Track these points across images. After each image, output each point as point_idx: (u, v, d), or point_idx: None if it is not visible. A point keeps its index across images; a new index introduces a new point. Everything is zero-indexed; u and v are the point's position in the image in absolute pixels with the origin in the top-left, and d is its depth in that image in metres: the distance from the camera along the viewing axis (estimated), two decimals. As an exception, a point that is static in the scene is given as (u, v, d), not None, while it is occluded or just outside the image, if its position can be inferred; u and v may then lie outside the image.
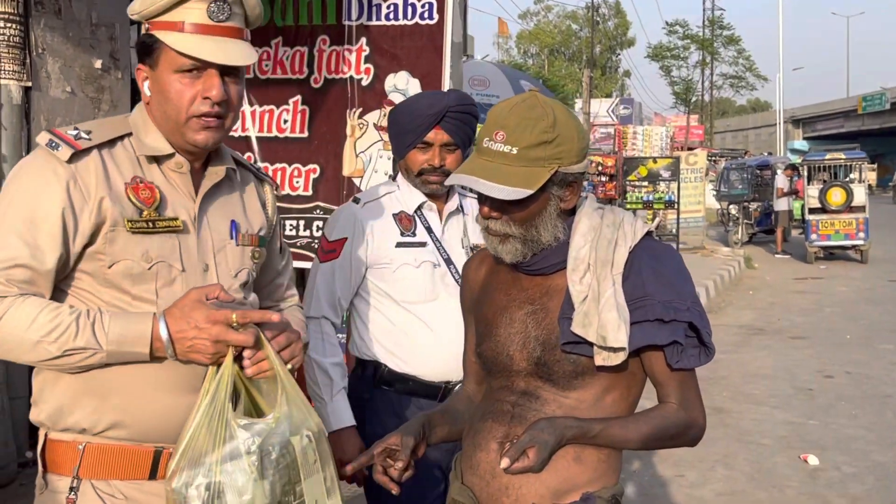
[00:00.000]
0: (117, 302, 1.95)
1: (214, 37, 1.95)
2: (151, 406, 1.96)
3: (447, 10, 5.56)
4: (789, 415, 7.32)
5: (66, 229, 1.90)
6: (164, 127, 2.02)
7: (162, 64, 1.97)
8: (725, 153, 41.57)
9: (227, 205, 2.14)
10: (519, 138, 1.88)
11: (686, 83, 59.95)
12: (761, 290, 14.98)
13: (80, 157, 1.93)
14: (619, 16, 56.79)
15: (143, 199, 1.96)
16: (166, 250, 1.97)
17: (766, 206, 21.96)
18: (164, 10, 1.95)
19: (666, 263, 1.96)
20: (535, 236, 1.94)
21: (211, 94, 1.95)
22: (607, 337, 1.86)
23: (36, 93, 5.16)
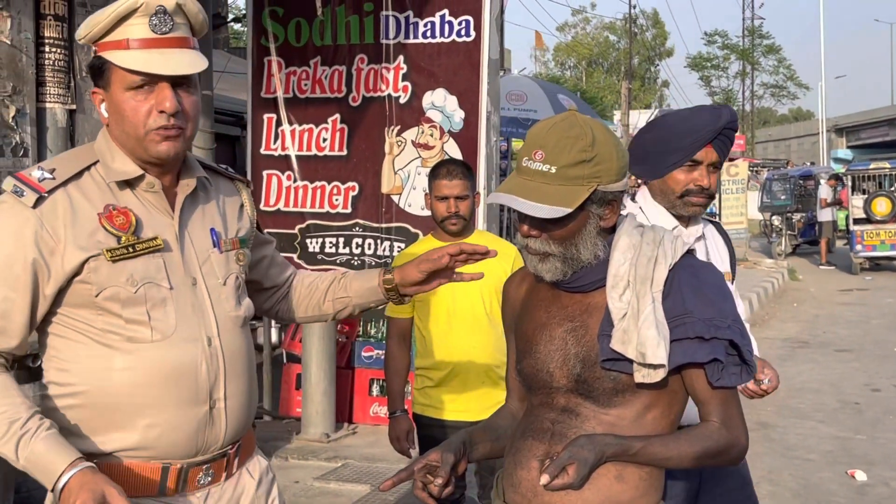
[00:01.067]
0: (111, 327, 1.97)
1: (160, 49, 1.96)
2: (161, 422, 1.99)
3: (484, 28, 5.59)
4: (835, 429, 7.21)
5: (36, 277, 1.94)
6: (127, 146, 2.02)
7: (114, 84, 1.98)
8: (767, 163, 41.15)
9: (205, 214, 2.16)
10: (558, 157, 1.89)
11: (726, 93, 59.52)
12: (806, 302, 14.79)
13: (45, 200, 1.94)
14: (658, 26, 56.54)
15: (118, 226, 1.98)
16: (151, 271, 2.00)
17: (809, 217, 21.70)
18: (107, 30, 1.97)
19: (706, 281, 1.95)
20: (574, 254, 1.95)
21: (164, 107, 1.96)
22: (646, 354, 1.85)
23: (80, 115, 5.27)
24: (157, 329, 1.99)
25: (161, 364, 1.99)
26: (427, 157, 5.68)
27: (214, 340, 2.07)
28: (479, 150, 5.61)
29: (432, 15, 5.73)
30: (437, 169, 3.70)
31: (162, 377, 1.99)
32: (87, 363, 1.99)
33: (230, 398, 2.09)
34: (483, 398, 3.63)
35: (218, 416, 2.07)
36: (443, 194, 3.61)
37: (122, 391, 1.97)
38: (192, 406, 2.02)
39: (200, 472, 2.07)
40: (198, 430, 2.04)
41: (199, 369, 2.03)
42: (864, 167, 19.49)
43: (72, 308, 1.99)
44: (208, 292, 2.09)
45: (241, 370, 2.13)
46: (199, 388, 2.02)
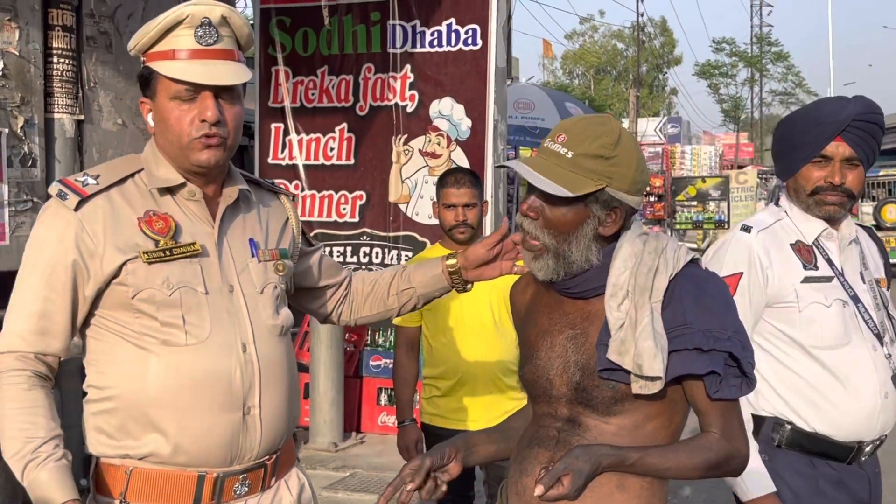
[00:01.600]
0: (147, 330, 2.00)
1: (204, 60, 2.01)
2: (194, 426, 2.00)
3: (491, 36, 5.59)
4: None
5: (76, 278, 1.99)
6: (171, 154, 2.07)
7: (160, 93, 2.04)
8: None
9: (245, 225, 2.19)
10: (578, 144, 1.89)
11: (735, 101, 59.50)
12: (816, 309, 14.68)
13: (86, 203, 2.00)
14: (666, 34, 56.55)
15: (157, 231, 2.02)
16: (188, 275, 2.03)
17: (819, 224, 21.61)
18: (154, 41, 2.03)
19: (708, 292, 1.92)
20: (566, 252, 1.93)
21: (206, 116, 2.01)
22: (643, 365, 1.83)
23: (88, 126, 5.27)
24: (191, 333, 2.01)
25: (194, 368, 2.00)
26: (434, 166, 5.68)
27: (249, 347, 2.08)
28: (486, 158, 5.61)
29: (439, 24, 5.73)
30: (445, 177, 3.69)
31: (195, 381, 2.00)
32: (123, 366, 2.02)
33: (265, 406, 2.08)
34: (492, 407, 3.62)
35: (252, 424, 2.06)
36: (451, 202, 3.61)
37: (157, 394, 1.99)
38: (226, 412, 2.02)
39: (237, 482, 2.07)
40: (232, 437, 2.04)
41: (232, 375, 2.04)
42: (873, 174, 19.42)
43: (109, 310, 2.02)
44: (245, 300, 2.10)
45: (277, 379, 2.13)
46: (233, 395, 2.03)
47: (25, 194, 4.90)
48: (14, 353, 1.99)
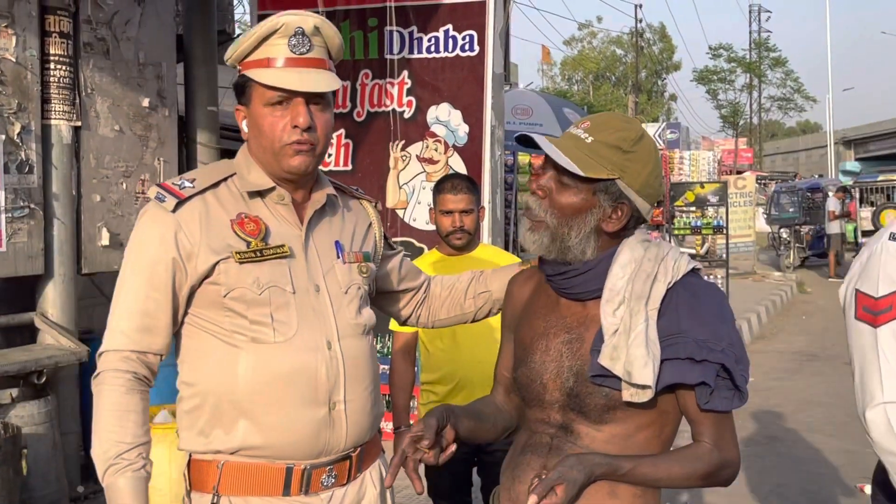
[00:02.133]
0: (237, 328, 2.08)
1: (298, 68, 2.10)
2: (282, 422, 2.07)
3: (488, 42, 5.60)
4: (845, 443, 7.15)
5: (175, 277, 2.07)
6: (263, 160, 2.16)
7: (254, 100, 2.13)
8: (775, 176, 41.09)
9: (331, 228, 2.27)
10: (599, 133, 1.91)
11: (733, 106, 59.54)
12: (814, 314, 14.72)
13: (183, 206, 2.09)
14: (665, 40, 56.61)
15: (248, 232, 2.10)
16: (277, 275, 2.10)
17: (817, 230, 21.62)
18: (250, 49, 2.12)
19: (705, 302, 1.91)
20: (564, 235, 1.92)
21: (298, 122, 2.09)
22: (633, 373, 1.82)
23: (85, 132, 5.27)
24: (279, 331, 2.08)
25: (282, 365, 2.07)
26: (432, 172, 5.68)
27: (334, 345, 2.15)
28: (483, 164, 5.61)
29: (436, 30, 5.74)
30: (442, 183, 3.69)
31: (283, 378, 2.07)
32: (214, 362, 2.09)
33: (350, 402, 2.15)
34: (488, 413, 3.61)
35: (338, 419, 2.13)
36: (448, 208, 3.61)
37: (246, 390, 2.06)
38: (312, 407, 2.09)
39: (324, 474, 2.13)
40: (318, 432, 2.10)
41: (318, 371, 2.10)
42: (872, 179, 19.47)
43: (202, 308, 2.11)
44: (330, 299, 2.18)
45: (361, 375, 2.20)
46: (319, 390, 2.10)
47: (23, 200, 4.89)
48: (118, 353, 2.07)
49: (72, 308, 5.28)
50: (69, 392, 5.33)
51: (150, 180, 5.75)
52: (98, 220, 5.41)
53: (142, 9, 5.66)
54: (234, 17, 15.26)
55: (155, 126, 5.81)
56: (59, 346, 5.04)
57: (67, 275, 5.21)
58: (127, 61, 5.57)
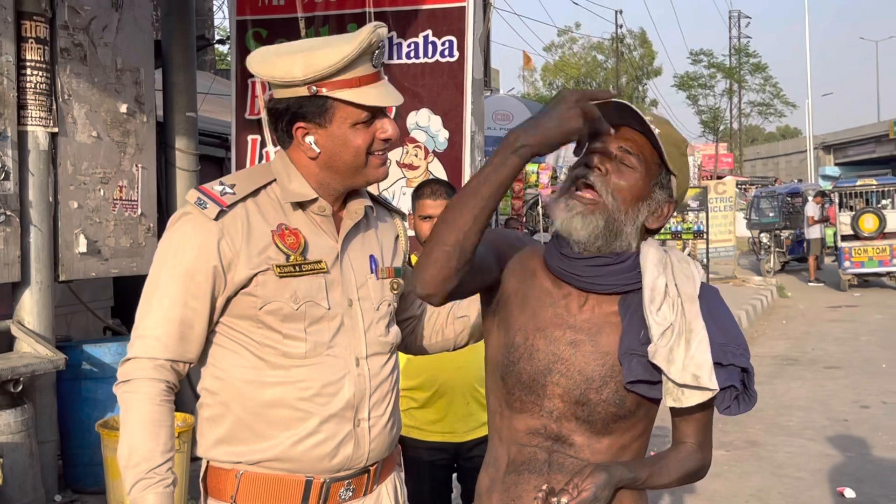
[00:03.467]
0: (269, 341, 2.05)
1: (375, 84, 2.06)
2: (306, 437, 2.05)
3: (467, 48, 5.59)
4: (825, 447, 7.19)
5: (214, 286, 2.03)
6: (343, 174, 2.10)
7: (337, 120, 2.05)
8: (755, 181, 41.32)
9: (366, 241, 2.23)
10: (662, 126, 1.83)
11: (713, 112, 59.81)
12: (795, 319, 14.79)
13: (226, 214, 2.03)
14: (645, 46, 56.83)
15: (289, 245, 2.06)
16: (313, 290, 2.07)
17: (797, 234, 21.76)
18: (341, 69, 2.01)
19: (721, 305, 1.89)
20: (620, 221, 1.80)
21: (388, 134, 2.08)
22: (701, 377, 1.77)
23: (62, 138, 5.23)
24: (311, 346, 2.06)
25: (310, 380, 2.05)
26: (412, 178, 5.67)
27: (362, 362, 2.13)
28: (463, 169, 5.61)
29: (416, 35, 5.73)
30: (421, 189, 3.68)
31: (310, 393, 2.05)
32: (240, 374, 2.06)
33: (374, 419, 2.14)
34: (469, 419, 3.60)
35: (362, 436, 2.11)
36: (427, 213, 3.60)
37: (272, 404, 2.04)
38: (337, 423, 2.07)
39: (342, 488, 2.12)
40: (341, 448, 2.08)
41: (345, 388, 2.08)
42: (851, 184, 19.57)
43: (234, 318, 2.07)
44: (362, 315, 2.15)
45: (386, 393, 2.18)
46: (345, 407, 2.08)
47: (-2, 207, 4.85)
48: (153, 361, 2.02)
49: (49, 316, 5.24)
50: (46, 400, 5.28)
51: (128, 187, 5.72)
52: (75, 227, 5.36)
53: (119, 14, 5.63)
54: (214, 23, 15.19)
55: (133, 132, 5.78)
56: (36, 354, 5.00)
57: (44, 282, 5.16)
58: (104, 67, 5.54)
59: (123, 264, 5.72)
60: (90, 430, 5.06)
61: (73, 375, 5.34)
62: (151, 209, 5.97)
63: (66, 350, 5.24)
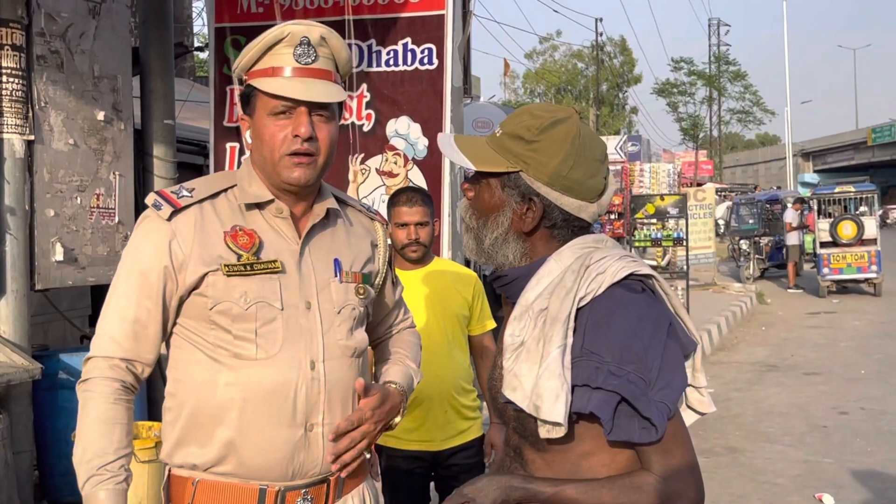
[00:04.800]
0: (221, 342, 2.06)
1: (303, 78, 2.08)
2: (256, 439, 2.05)
3: (447, 56, 5.59)
4: (804, 453, 7.22)
5: (166, 287, 2.07)
6: (264, 171, 2.13)
7: (258, 110, 2.11)
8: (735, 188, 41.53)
9: (331, 243, 2.22)
10: (507, 124, 1.82)
11: (693, 119, 60.11)
12: (774, 325, 14.86)
13: (179, 214, 2.08)
14: (625, 53, 57.06)
15: (241, 245, 2.08)
16: (266, 291, 2.07)
17: (777, 241, 21.87)
18: (256, 59, 2.11)
19: (619, 318, 1.66)
20: (482, 237, 1.82)
21: (299, 132, 2.06)
22: (541, 408, 1.64)
23: (39, 146, 5.19)
24: (262, 347, 2.06)
25: (261, 382, 2.05)
26: (391, 185, 5.66)
27: (318, 365, 2.11)
28: (443, 177, 5.61)
29: (395, 43, 5.73)
30: (397, 196, 3.68)
31: (260, 395, 2.05)
32: (196, 376, 2.08)
33: (329, 425, 2.10)
34: (447, 427, 3.60)
35: (315, 442, 2.09)
36: (403, 221, 3.60)
37: (224, 406, 2.05)
38: (288, 427, 2.06)
39: (298, 497, 2.10)
40: (293, 453, 2.07)
41: (297, 391, 2.07)
42: (829, 191, 19.69)
43: (189, 320, 2.09)
44: (321, 318, 2.14)
45: (345, 399, 2.15)
46: (297, 411, 2.07)
47: (-26, 216, 4.80)
48: (108, 360, 2.06)
49: (25, 324, 5.19)
50: (22, 410, 5.23)
51: (105, 194, 5.68)
52: (52, 236, 5.32)
53: (97, 21, 5.59)
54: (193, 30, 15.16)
55: (110, 140, 5.74)
56: (12, 363, 4.95)
57: (20, 291, 5.12)
58: (81, 74, 5.50)
59: (101, 273, 5.67)
60: (67, 440, 5.00)
61: (49, 385, 5.29)
62: (129, 217, 5.93)
63: (43, 359, 5.19)
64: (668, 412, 1.64)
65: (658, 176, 25.10)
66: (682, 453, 1.68)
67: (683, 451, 1.69)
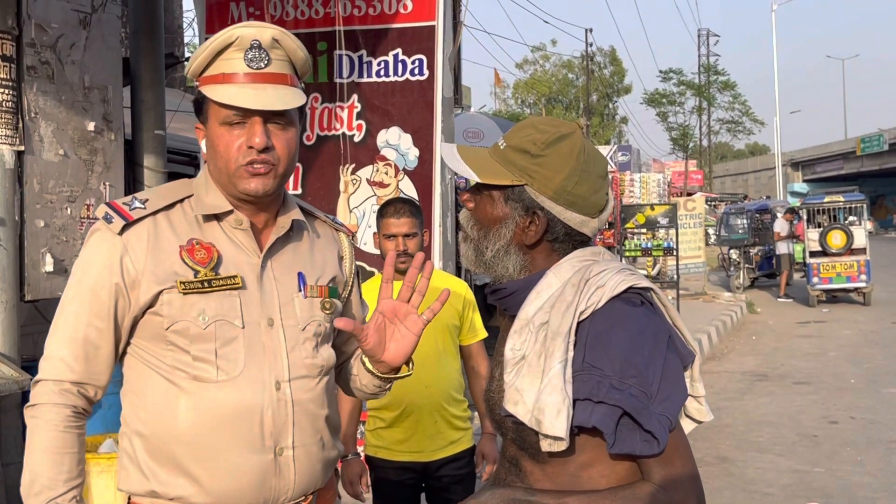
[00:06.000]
0: (179, 364, 1.94)
1: (255, 84, 1.96)
2: (223, 467, 1.93)
3: (437, 66, 5.61)
4: (794, 462, 7.23)
5: (118, 305, 1.95)
6: (220, 182, 2.03)
7: (210, 119, 2.00)
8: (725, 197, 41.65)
9: (295, 257, 2.11)
10: (512, 137, 1.81)
11: (683, 129, 60.28)
12: (764, 334, 14.89)
13: (131, 228, 1.96)
14: (615, 63, 57.19)
15: (198, 260, 1.96)
16: (225, 308, 1.96)
17: (766, 250, 21.94)
18: (205, 64, 2.00)
19: (619, 331, 1.67)
20: (483, 249, 1.82)
21: (253, 143, 1.95)
22: (543, 422, 1.65)
23: (29, 156, 5.18)
24: (223, 369, 1.94)
25: (224, 406, 1.93)
26: (382, 196, 5.67)
27: (284, 385, 1.99)
28: (434, 187, 5.61)
29: (385, 54, 5.75)
30: (385, 208, 3.68)
31: (225, 420, 1.93)
32: (154, 400, 1.96)
33: (299, 447, 2.00)
34: (437, 437, 3.59)
35: (286, 465, 1.99)
36: (391, 232, 3.60)
37: (185, 432, 1.93)
38: (256, 452, 1.95)
39: None
40: (263, 479, 1.96)
41: (263, 414, 1.96)
42: (818, 200, 19.77)
43: (144, 341, 1.98)
44: (284, 335, 2.03)
45: (314, 419, 2.04)
46: (264, 434, 1.96)
47: (-37, 226, 4.79)
48: (57, 383, 1.94)
49: (14, 335, 5.17)
50: (11, 422, 5.21)
51: (95, 205, 5.67)
52: (42, 246, 5.31)
53: (87, 32, 5.59)
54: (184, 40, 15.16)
55: (101, 150, 5.74)
56: (1, 374, 4.93)
57: (10, 301, 5.10)
58: (72, 85, 5.50)
59: (91, 283, 5.65)
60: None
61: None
62: (119, 228, 5.91)
63: (33, 370, 5.16)
64: (670, 425, 1.66)
65: (648, 186, 25.18)
66: (683, 464, 1.71)
67: (684, 461, 1.71)
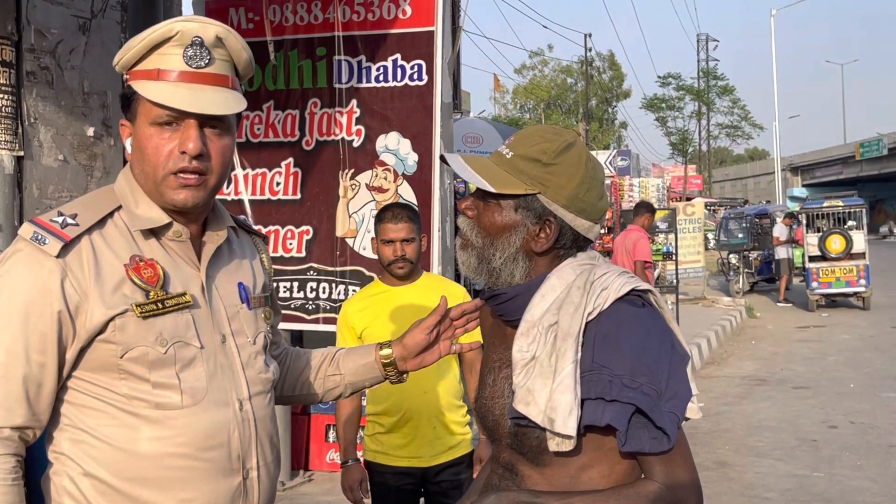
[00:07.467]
0: (137, 393, 1.78)
1: (191, 84, 1.79)
2: (193, 497, 1.81)
3: (436, 72, 5.62)
4: (793, 467, 7.23)
5: (62, 336, 1.75)
6: (146, 188, 1.85)
7: (140, 117, 1.82)
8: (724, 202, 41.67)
9: (233, 268, 1.99)
10: (519, 146, 1.82)
11: (682, 134, 60.33)
12: (764, 339, 14.89)
13: (70, 249, 1.75)
14: (614, 68, 57.27)
15: (146, 280, 1.79)
16: (181, 329, 1.82)
17: (766, 255, 21.94)
18: (139, 57, 1.82)
19: (627, 331, 1.70)
20: (489, 256, 1.82)
21: (186, 148, 1.78)
22: (556, 421, 1.66)
23: (28, 162, 5.19)
24: (186, 393, 1.80)
25: (192, 432, 1.80)
26: (381, 201, 5.67)
27: (245, 404, 1.89)
28: (433, 192, 5.62)
29: (385, 59, 5.75)
30: (383, 213, 3.69)
31: (193, 447, 1.80)
32: (109, 435, 1.77)
33: (262, 467, 1.92)
34: (436, 443, 3.59)
35: (251, 487, 1.89)
36: (388, 238, 3.60)
37: (151, 464, 1.77)
38: (226, 477, 1.84)
39: None
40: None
41: (231, 436, 1.85)
42: (818, 205, 19.76)
43: (90, 372, 1.78)
44: (238, 351, 1.91)
45: (269, 436, 1.97)
46: (232, 458, 1.85)
47: (-38, 232, 4.79)
48: None
49: (13, 341, 5.17)
50: None
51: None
52: (41, 251, 5.31)
53: (86, 38, 5.60)
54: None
55: (100, 155, 5.74)
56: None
57: (9, 307, 5.10)
58: (71, 90, 5.51)
59: (90, 288, 5.66)
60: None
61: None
62: (119, 233, 5.92)
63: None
64: (679, 421, 1.70)
65: (647, 190, 25.22)
66: (684, 463, 1.74)
67: (685, 460, 1.75)
